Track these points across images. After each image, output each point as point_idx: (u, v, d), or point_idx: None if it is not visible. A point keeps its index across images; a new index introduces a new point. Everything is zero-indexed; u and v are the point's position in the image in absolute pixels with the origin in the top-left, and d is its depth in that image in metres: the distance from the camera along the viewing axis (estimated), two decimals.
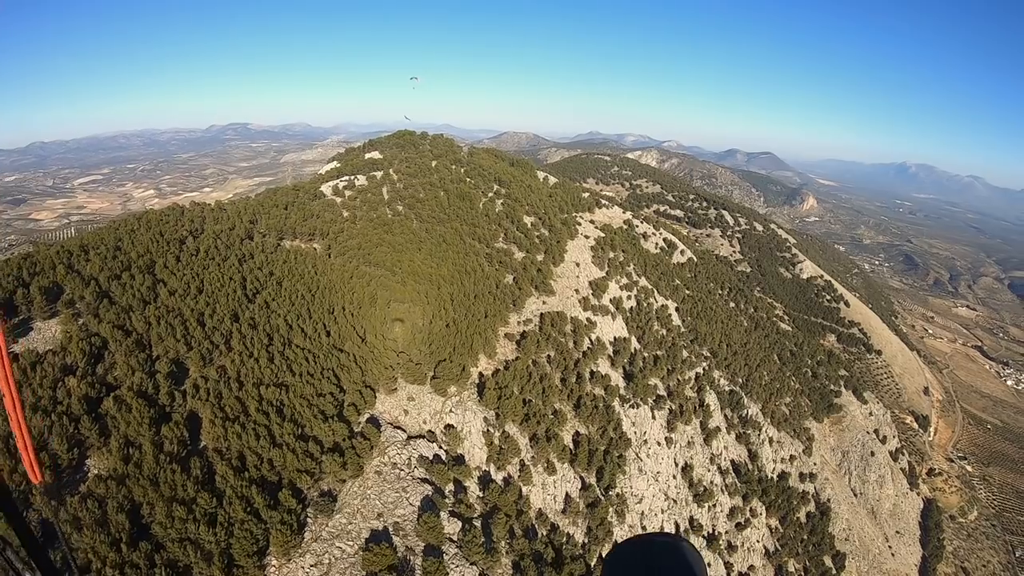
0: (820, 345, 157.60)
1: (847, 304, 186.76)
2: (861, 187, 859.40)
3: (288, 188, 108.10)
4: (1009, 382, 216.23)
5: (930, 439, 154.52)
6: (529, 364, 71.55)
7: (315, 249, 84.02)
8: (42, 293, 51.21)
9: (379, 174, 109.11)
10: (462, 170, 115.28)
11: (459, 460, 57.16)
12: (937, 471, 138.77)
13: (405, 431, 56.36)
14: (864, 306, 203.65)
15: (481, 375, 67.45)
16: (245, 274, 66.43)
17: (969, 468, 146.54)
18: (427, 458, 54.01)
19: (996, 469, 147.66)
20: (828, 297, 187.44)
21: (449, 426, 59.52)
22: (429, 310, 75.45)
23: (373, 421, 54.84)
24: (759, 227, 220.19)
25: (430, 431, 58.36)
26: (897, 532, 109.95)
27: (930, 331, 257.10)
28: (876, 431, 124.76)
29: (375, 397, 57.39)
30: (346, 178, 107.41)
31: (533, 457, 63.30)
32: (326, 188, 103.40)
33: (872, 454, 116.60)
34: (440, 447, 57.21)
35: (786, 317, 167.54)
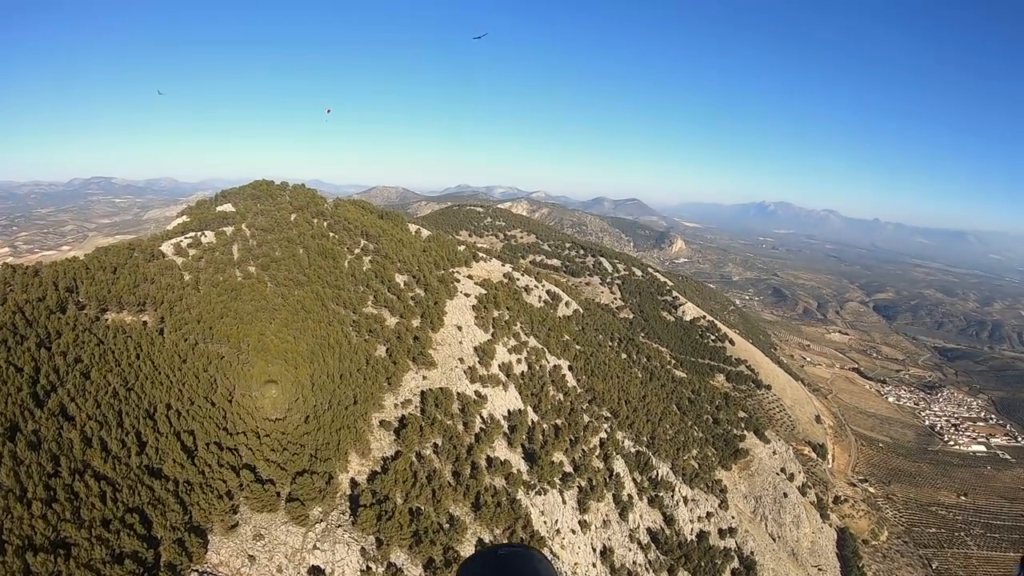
0: (714, 388, 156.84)
1: (731, 342, 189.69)
2: (724, 227, 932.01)
3: (122, 246, 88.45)
4: (890, 399, 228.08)
5: (830, 467, 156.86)
6: (413, 459, 59.08)
7: (144, 323, 66.43)
8: None
9: (229, 229, 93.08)
10: (325, 224, 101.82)
11: None
12: (843, 498, 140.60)
13: None
14: (747, 342, 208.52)
15: (354, 483, 53.95)
16: (41, 363, 49.01)
17: (871, 489, 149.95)
18: None
19: (897, 486, 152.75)
20: (713, 337, 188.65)
21: (315, 569, 45.36)
22: (283, 399, 60.70)
23: None
24: (638, 272, 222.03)
25: None
26: (819, 569, 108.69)
27: (808, 359, 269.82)
28: (783, 469, 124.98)
29: (205, 544, 41.92)
30: (192, 234, 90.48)
31: None
32: (167, 247, 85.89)
33: (785, 495, 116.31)
34: None
35: (675, 362, 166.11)
